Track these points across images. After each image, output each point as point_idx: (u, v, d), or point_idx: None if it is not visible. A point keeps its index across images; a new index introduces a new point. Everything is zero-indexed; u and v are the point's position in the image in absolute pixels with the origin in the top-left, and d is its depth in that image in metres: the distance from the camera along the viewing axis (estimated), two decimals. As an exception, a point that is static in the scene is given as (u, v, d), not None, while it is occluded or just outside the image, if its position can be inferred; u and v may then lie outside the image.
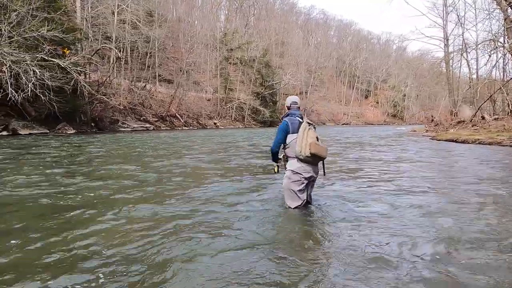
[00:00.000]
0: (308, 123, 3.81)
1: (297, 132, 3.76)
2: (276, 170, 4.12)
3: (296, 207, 3.89)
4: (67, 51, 20.73)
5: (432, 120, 34.55)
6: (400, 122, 78.49)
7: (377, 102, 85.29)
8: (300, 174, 3.78)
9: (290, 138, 3.85)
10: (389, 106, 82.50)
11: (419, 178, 6.25)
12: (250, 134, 24.25)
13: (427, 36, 41.23)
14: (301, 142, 3.67)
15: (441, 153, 11.31)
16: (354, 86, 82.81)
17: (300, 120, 3.91)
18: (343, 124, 67.18)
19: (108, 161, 8.45)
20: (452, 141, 15.18)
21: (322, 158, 3.79)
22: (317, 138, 3.76)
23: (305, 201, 3.92)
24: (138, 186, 5.27)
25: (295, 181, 3.82)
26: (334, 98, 79.36)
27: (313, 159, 3.73)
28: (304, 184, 3.84)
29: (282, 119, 4.03)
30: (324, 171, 4.03)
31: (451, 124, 25.98)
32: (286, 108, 4.15)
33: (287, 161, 3.96)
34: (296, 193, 3.85)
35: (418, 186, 5.38)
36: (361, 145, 14.16)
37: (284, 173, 4.00)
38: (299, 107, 4.11)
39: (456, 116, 31.60)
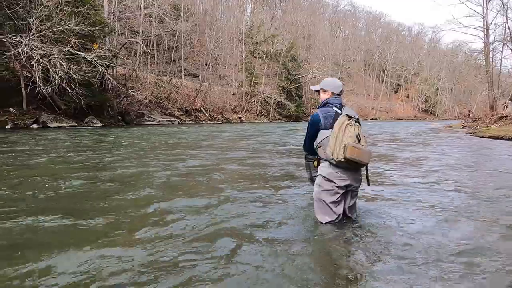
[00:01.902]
0: (348, 115, 2.93)
1: (331, 128, 2.95)
2: (315, 164, 3.23)
3: (328, 223, 3.09)
4: (96, 46, 20.90)
5: (469, 115, 32.50)
6: (432, 117, 75.17)
7: (408, 97, 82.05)
8: (333, 182, 2.99)
9: (322, 135, 3.04)
10: (420, 101, 79.11)
11: (481, 192, 4.74)
12: (277, 129, 23.62)
13: (465, 26, 38.41)
14: (334, 142, 2.85)
15: (492, 154, 9.84)
16: (384, 80, 79.96)
17: (338, 111, 3.04)
18: (371, 119, 65.06)
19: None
20: (497, 138, 13.88)
21: (361, 165, 2.95)
22: (358, 136, 2.87)
23: (340, 215, 3.10)
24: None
25: (326, 190, 3.04)
26: (362, 92, 76.98)
27: (350, 164, 2.89)
28: (339, 195, 3.02)
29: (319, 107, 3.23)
30: (368, 180, 3.17)
31: (491, 119, 24.23)
32: (329, 95, 3.20)
33: (319, 163, 3.18)
34: (328, 205, 3.05)
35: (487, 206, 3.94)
36: (397, 143, 13.16)
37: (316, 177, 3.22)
38: (339, 94, 3.20)
39: (494, 110, 29.55)
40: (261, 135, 16.44)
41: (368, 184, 3.19)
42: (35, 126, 19.49)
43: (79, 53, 16.83)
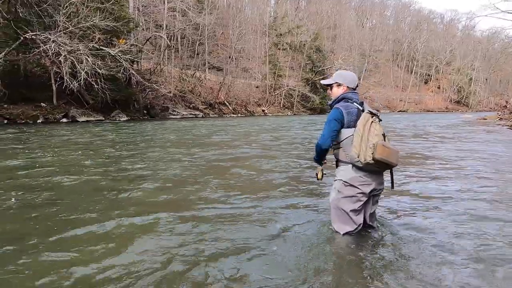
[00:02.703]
0: (371, 113, 2.63)
1: (354, 126, 2.62)
2: (320, 176, 2.95)
3: (346, 233, 2.75)
4: (122, 41, 21.24)
5: (506, 107, 30.60)
6: (465, 109, 71.62)
7: (439, 87, 78.51)
8: (356, 187, 2.65)
9: (343, 134, 2.69)
10: (452, 92, 75.50)
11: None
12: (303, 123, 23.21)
13: (502, 11, 36.01)
14: (359, 141, 2.53)
15: None
16: (413, 70, 76.86)
17: (360, 107, 2.72)
18: (399, 111, 62.91)
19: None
20: (538, 132, 12.90)
21: (391, 167, 2.62)
22: (384, 135, 2.59)
23: (361, 225, 2.76)
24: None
25: (347, 196, 2.68)
26: (389, 83, 74.41)
27: (378, 166, 2.57)
28: (362, 203, 2.68)
29: (332, 106, 2.86)
30: (392, 183, 2.77)
31: (531, 111, 22.69)
32: (344, 89, 2.86)
33: (337, 166, 2.84)
34: (348, 214, 2.70)
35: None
36: (425, 138, 12.50)
37: (334, 181, 2.84)
38: (354, 89, 2.87)
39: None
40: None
41: (392, 187, 2.80)
42: (64, 120, 20.16)
43: (104, 48, 17.16)
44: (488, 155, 7.87)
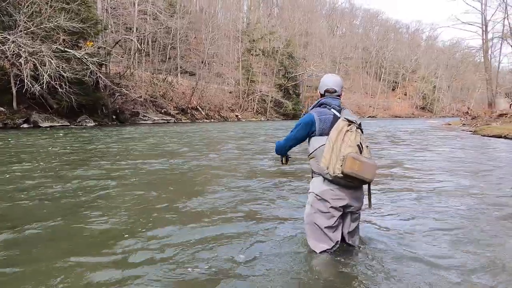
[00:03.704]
0: (348, 120, 2.36)
1: (327, 134, 2.37)
2: (284, 161, 2.82)
3: (323, 252, 2.46)
4: (90, 44, 20.36)
5: (468, 113, 32.20)
6: (429, 115, 74.86)
7: (405, 94, 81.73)
8: (327, 201, 2.39)
9: (316, 142, 2.44)
10: (417, 98, 78.87)
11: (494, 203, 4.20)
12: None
13: (463, 22, 38.17)
14: (330, 152, 2.28)
15: (501, 156, 9.20)
16: (381, 77, 79.60)
17: (337, 114, 2.45)
18: (368, 117, 64.76)
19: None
20: (500, 137, 13.53)
21: (364, 182, 2.33)
22: (360, 146, 2.31)
23: (338, 242, 2.47)
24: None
25: (321, 211, 2.42)
26: (359, 90, 76.56)
27: (349, 181, 2.31)
28: (336, 218, 2.40)
29: (309, 111, 2.60)
30: (370, 201, 2.49)
31: (491, 117, 23.94)
32: (319, 96, 2.67)
33: (312, 177, 2.59)
34: (322, 230, 2.43)
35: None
36: (396, 144, 12.74)
37: (308, 193, 2.59)
38: (339, 95, 2.60)
39: (493, 108, 29.29)
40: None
41: (369, 206, 2.53)
42: (25, 125, 18.98)
43: (68, 50, 16.32)
44: (458, 160, 8.07)
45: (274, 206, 3.98)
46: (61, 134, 14.21)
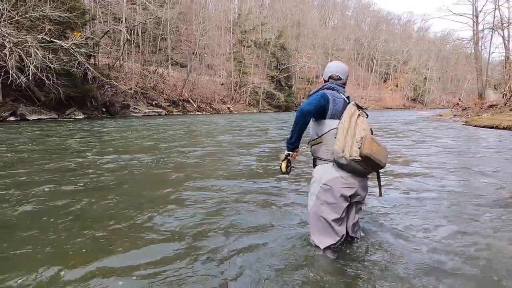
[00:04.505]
0: (358, 106, 2.30)
1: (339, 118, 2.23)
2: (284, 168, 2.41)
3: (328, 247, 2.29)
4: (78, 34, 19.80)
5: (458, 104, 32.45)
6: (420, 106, 75.48)
7: (397, 86, 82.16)
8: (336, 190, 2.22)
9: (327, 125, 2.28)
10: (409, 90, 79.40)
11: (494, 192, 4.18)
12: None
13: (454, 13, 38.09)
14: (345, 134, 2.13)
15: (493, 147, 9.14)
16: (373, 69, 79.73)
17: (346, 99, 2.37)
18: (360, 109, 64.95)
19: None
20: (492, 127, 13.60)
21: (378, 167, 2.22)
22: (372, 131, 2.27)
23: (343, 237, 2.31)
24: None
25: (328, 203, 2.24)
26: (351, 81, 76.49)
27: (365, 166, 2.16)
28: (343, 209, 2.24)
29: (315, 93, 2.40)
30: (380, 190, 2.39)
31: (481, 108, 24.14)
32: (323, 82, 2.53)
33: (315, 165, 2.41)
34: (330, 224, 2.24)
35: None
36: (389, 133, 12.74)
37: (310, 185, 2.41)
38: (344, 83, 2.49)
39: (483, 99, 29.52)
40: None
41: (380, 195, 2.39)
42: (12, 118, 18.53)
43: (55, 40, 15.85)
44: (452, 152, 8.04)
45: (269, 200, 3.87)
46: (35, 128, 13.40)
